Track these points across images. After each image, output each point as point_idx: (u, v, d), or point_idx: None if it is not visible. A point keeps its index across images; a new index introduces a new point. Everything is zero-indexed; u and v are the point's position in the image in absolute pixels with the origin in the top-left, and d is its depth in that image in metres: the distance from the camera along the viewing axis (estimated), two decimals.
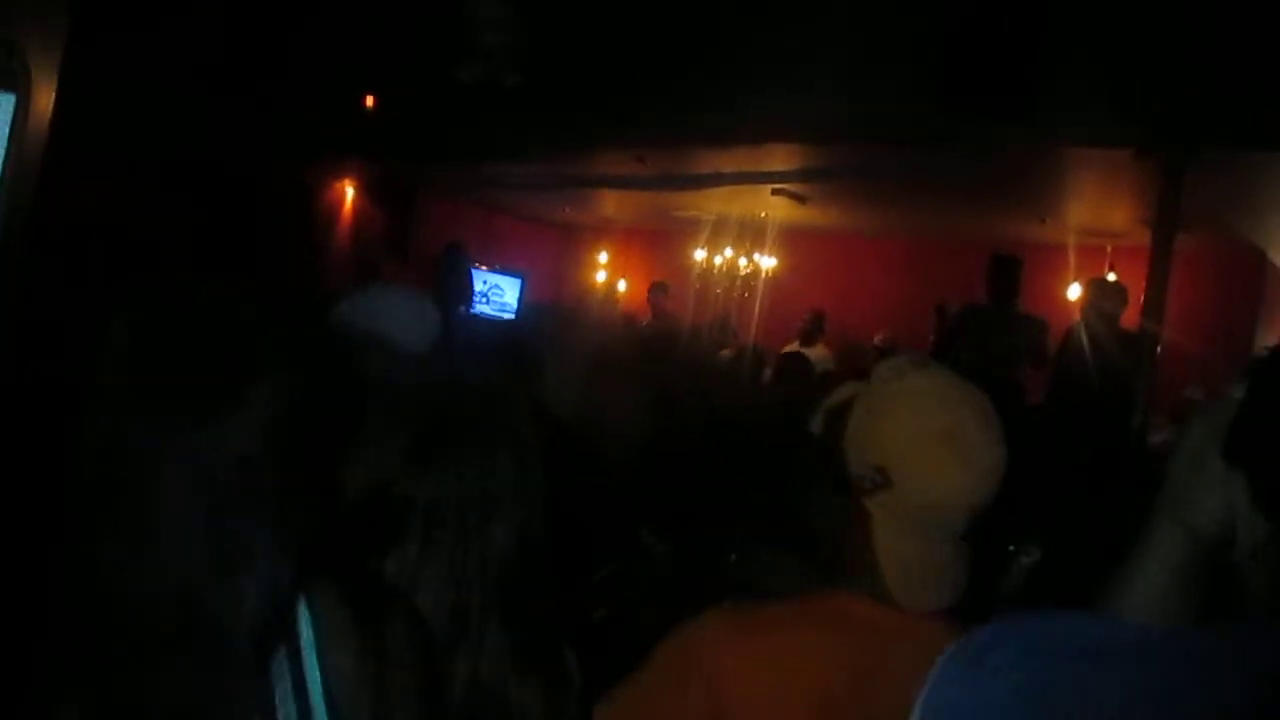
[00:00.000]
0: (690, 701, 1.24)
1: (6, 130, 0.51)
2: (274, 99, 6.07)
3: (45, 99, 0.53)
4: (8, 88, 0.50)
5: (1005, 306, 5.75)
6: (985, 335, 5.43)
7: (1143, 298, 5.60)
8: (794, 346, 8.09)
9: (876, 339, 7.92)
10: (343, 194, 10.77)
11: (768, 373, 5.98)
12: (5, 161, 0.50)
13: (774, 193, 8.43)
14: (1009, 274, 5.82)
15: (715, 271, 10.01)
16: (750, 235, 9.81)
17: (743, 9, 5.09)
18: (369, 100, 7.33)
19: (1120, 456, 4.36)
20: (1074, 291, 8.07)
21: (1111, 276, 8.07)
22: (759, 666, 1.23)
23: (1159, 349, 5.55)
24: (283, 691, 0.94)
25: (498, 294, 11.13)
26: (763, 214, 9.39)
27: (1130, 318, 5.61)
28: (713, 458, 2.55)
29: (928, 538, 1.28)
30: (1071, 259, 8.25)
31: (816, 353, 7.39)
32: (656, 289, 9.27)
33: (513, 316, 10.73)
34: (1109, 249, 8.39)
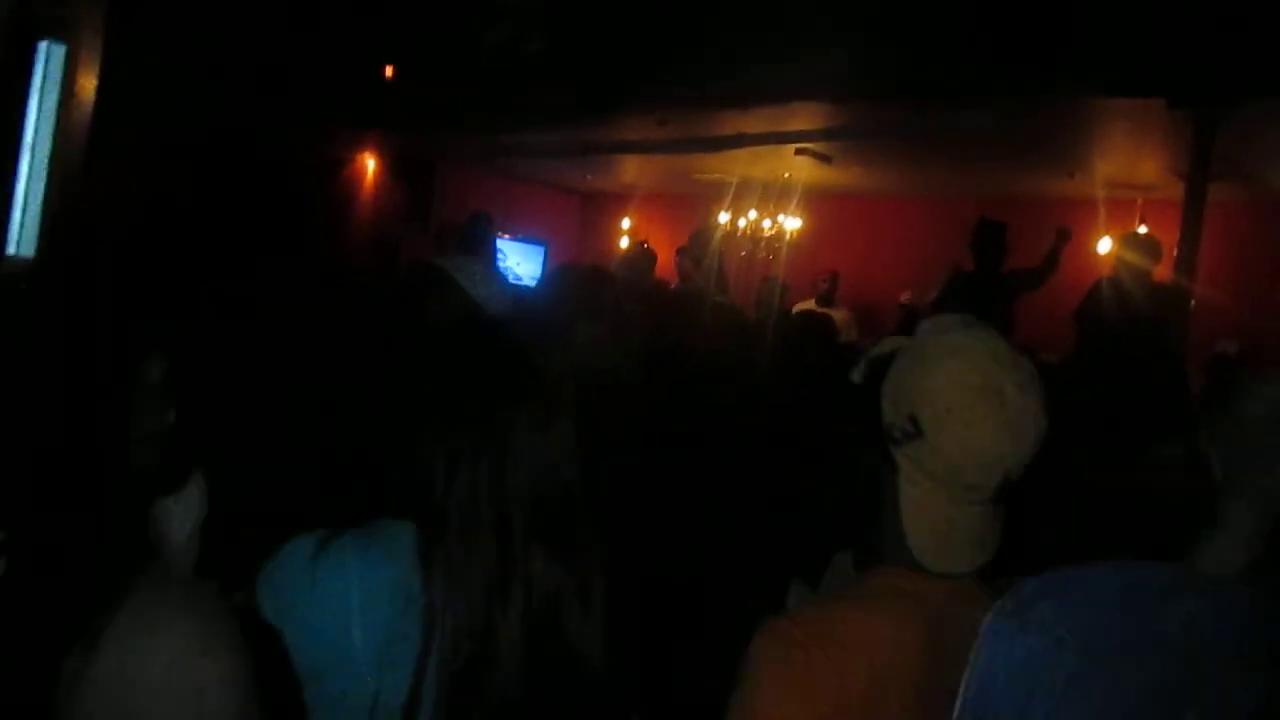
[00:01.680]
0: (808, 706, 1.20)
1: (59, 79, 0.50)
2: (295, 70, 6.06)
3: (93, 50, 0.53)
4: (60, 38, 0.50)
5: (989, 271, 5.70)
6: (968, 301, 5.37)
7: (1175, 251, 5.53)
8: (809, 305, 8.06)
9: (903, 297, 7.86)
10: (364, 166, 10.77)
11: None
12: (59, 110, 0.50)
13: (797, 153, 8.35)
14: (989, 237, 5.79)
15: (739, 234, 9.94)
16: (774, 197, 9.73)
17: None
18: (388, 71, 7.30)
19: (1155, 410, 4.31)
20: (1104, 246, 7.98)
21: (1143, 230, 7.98)
22: (841, 677, 1.20)
23: (1191, 303, 5.49)
24: None
25: (520, 263, 11.13)
26: (786, 175, 9.31)
27: (1162, 271, 5.54)
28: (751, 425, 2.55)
29: (953, 497, 1.26)
30: (1101, 213, 8.14)
31: (835, 313, 7.35)
32: (684, 253, 9.23)
33: (535, 284, 10.73)
34: (1139, 202, 8.28)
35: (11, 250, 0.46)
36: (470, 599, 1.24)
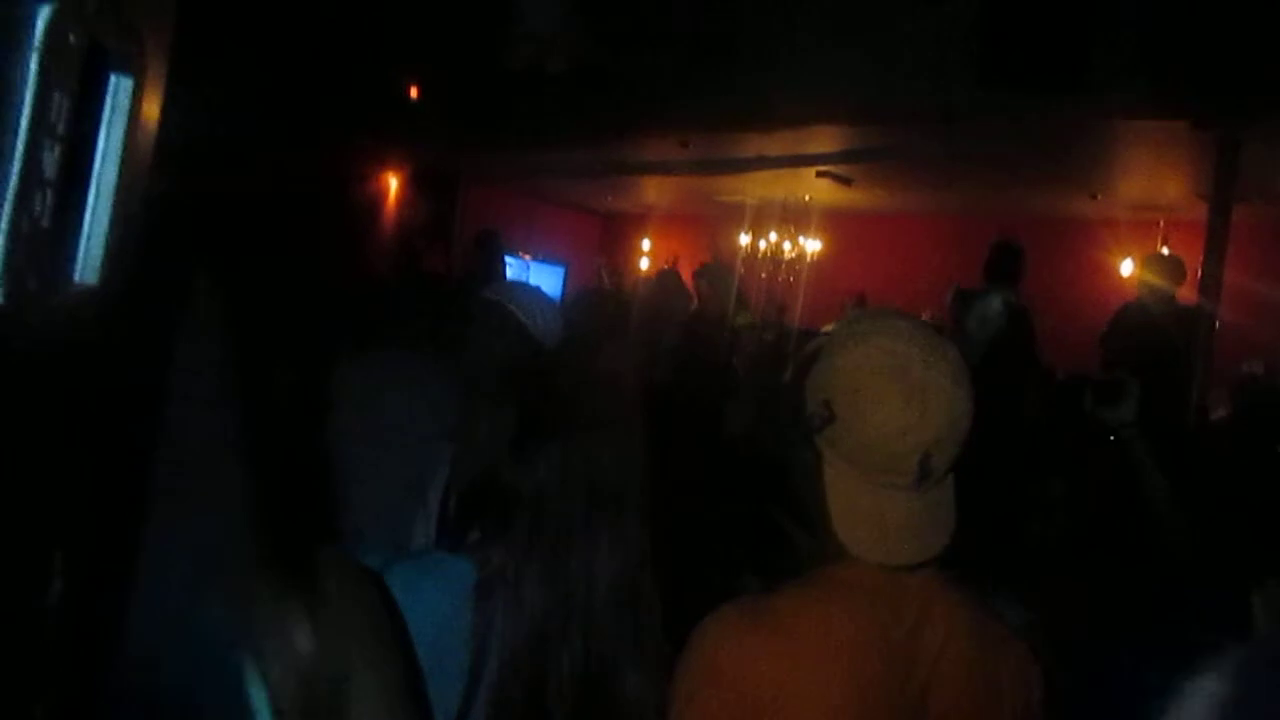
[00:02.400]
0: (725, 710, 1.22)
1: (126, 111, 0.52)
2: (320, 90, 6.13)
3: (158, 82, 0.54)
4: (128, 71, 0.51)
5: (994, 290, 5.66)
6: (964, 316, 5.33)
7: (1199, 272, 5.50)
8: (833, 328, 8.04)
9: (924, 316, 7.85)
10: (387, 183, 10.85)
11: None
12: (125, 141, 0.52)
13: (818, 175, 8.38)
14: (1002, 259, 5.78)
15: (760, 255, 9.96)
16: (795, 218, 9.75)
17: None
18: (413, 90, 7.37)
19: (1180, 434, 4.29)
20: (1127, 268, 7.94)
21: (1165, 251, 7.95)
22: (782, 662, 1.22)
23: (1216, 324, 5.45)
24: None
25: (540, 283, 11.16)
26: (807, 197, 9.33)
27: (1187, 292, 5.52)
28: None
29: (870, 480, 1.25)
30: (1123, 235, 8.12)
31: None
32: (702, 274, 9.26)
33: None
34: (1162, 223, 8.24)
35: (77, 278, 0.47)
36: (523, 640, 1.23)
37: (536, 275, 11.05)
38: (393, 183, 10.81)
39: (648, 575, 1.29)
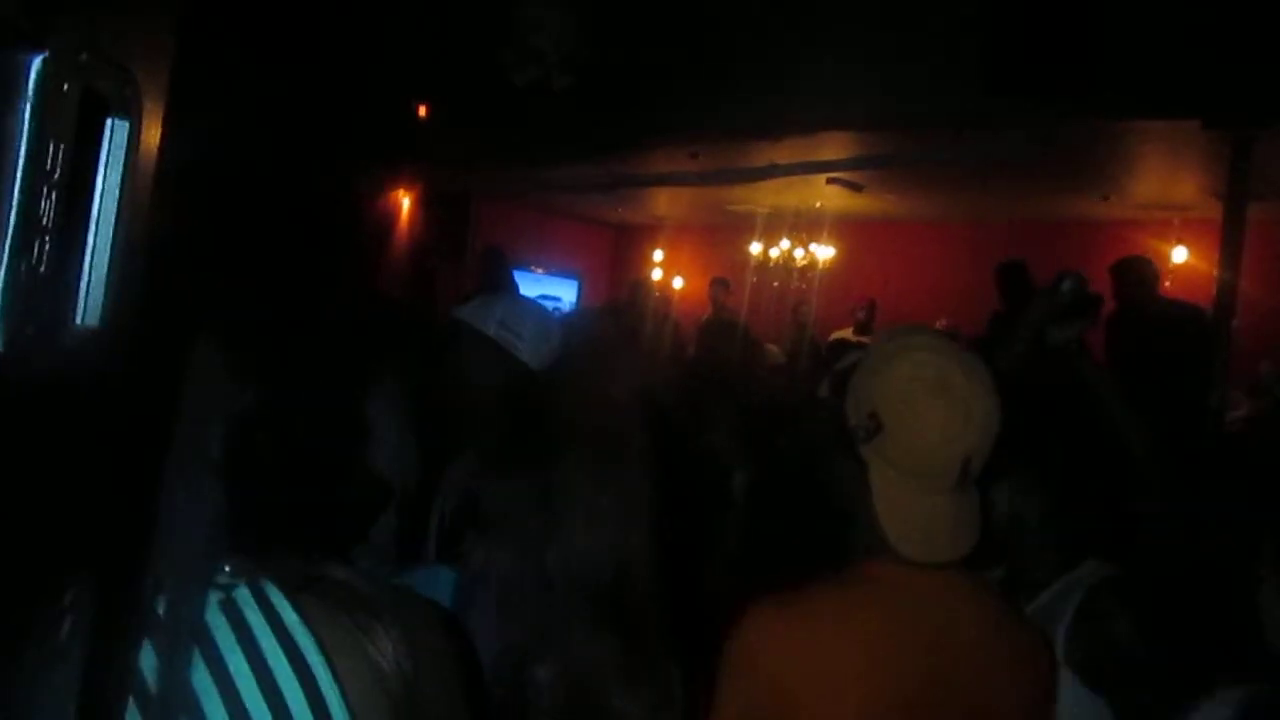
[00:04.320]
0: (756, 702, 1.28)
1: (123, 156, 0.53)
2: (331, 109, 6.18)
3: (155, 124, 0.55)
4: (123, 114, 0.52)
5: (1017, 307, 5.65)
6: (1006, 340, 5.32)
7: (1216, 271, 5.46)
8: (846, 334, 8.03)
9: (939, 324, 7.82)
10: (399, 201, 10.91)
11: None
12: (123, 184, 0.52)
13: (829, 182, 8.37)
14: (1010, 279, 5.81)
15: (772, 264, 9.96)
16: (806, 226, 9.74)
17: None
18: (422, 109, 7.41)
19: (1191, 435, 4.26)
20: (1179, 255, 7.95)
21: (1181, 251, 7.91)
22: (825, 662, 1.27)
23: (1234, 323, 5.41)
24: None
25: (554, 297, 11.19)
26: (818, 204, 9.32)
27: (1204, 292, 5.49)
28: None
29: (921, 487, 1.34)
30: (1138, 236, 8.07)
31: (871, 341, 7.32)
32: (717, 284, 9.28)
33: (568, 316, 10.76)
34: (1177, 223, 8.20)
35: (79, 320, 0.47)
36: (505, 655, 1.24)
37: (550, 288, 11.08)
38: (405, 202, 10.86)
39: (637, 586, 1.30)
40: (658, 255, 12.21)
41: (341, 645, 0.96)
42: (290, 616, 0.95)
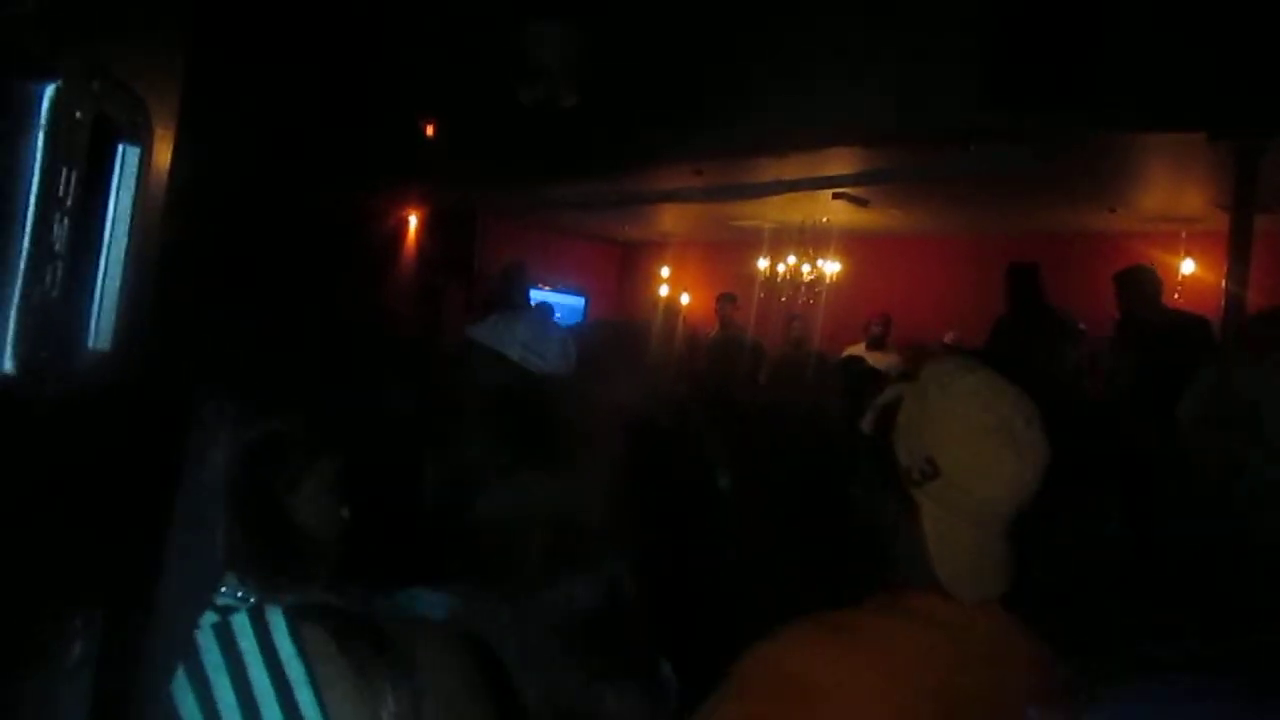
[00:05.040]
0: (781, 700, 1.26)
1: (134, 181, 0.53)
2: (337, 129, 6.21)
3: (166, 148, 0.56)
4: (135, 141, 0.53)
5: (1023, 313, 5.63)
6: (1012, 346, 5.31)
7: (1223, 283, 5.45)
8: (859, 349, 8.01)
9: (946, 338, 7.82)
10: (406, 220, 10.95)
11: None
12: (134, 209, 0.53)
13: (835, 197, 8.38)
14: (1020, 281, 5.77)
15: (778, 279, 9.96)
16: (812, 241, 9.75)
17: (794, 14, 5.08)
18: (429, 128, 7.45)
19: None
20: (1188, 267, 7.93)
21: (1189, 263, 7.90)
22: (856, 672, 1.25)
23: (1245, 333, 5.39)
24: None
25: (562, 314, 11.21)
26: (824, 219, 9.34)
27: (1212, 304, 5.47)
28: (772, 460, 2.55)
29: (975, 529, 1.32)
30: (1145, 248, 8.07)
31: (886, 357, 7.30)
32: (724, 300, 9.28)
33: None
34: (1184, 235, 8.19)
35: (91, 344, 0.48)
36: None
37: (557, 307, 11.08)
38: (411, 220, 10.91)
39: (632, 606, 1.29)
40: (664, 272, 12.23)
41: (334, 680, 0.95)
42: (287, 648, 0.94)
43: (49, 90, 0.48)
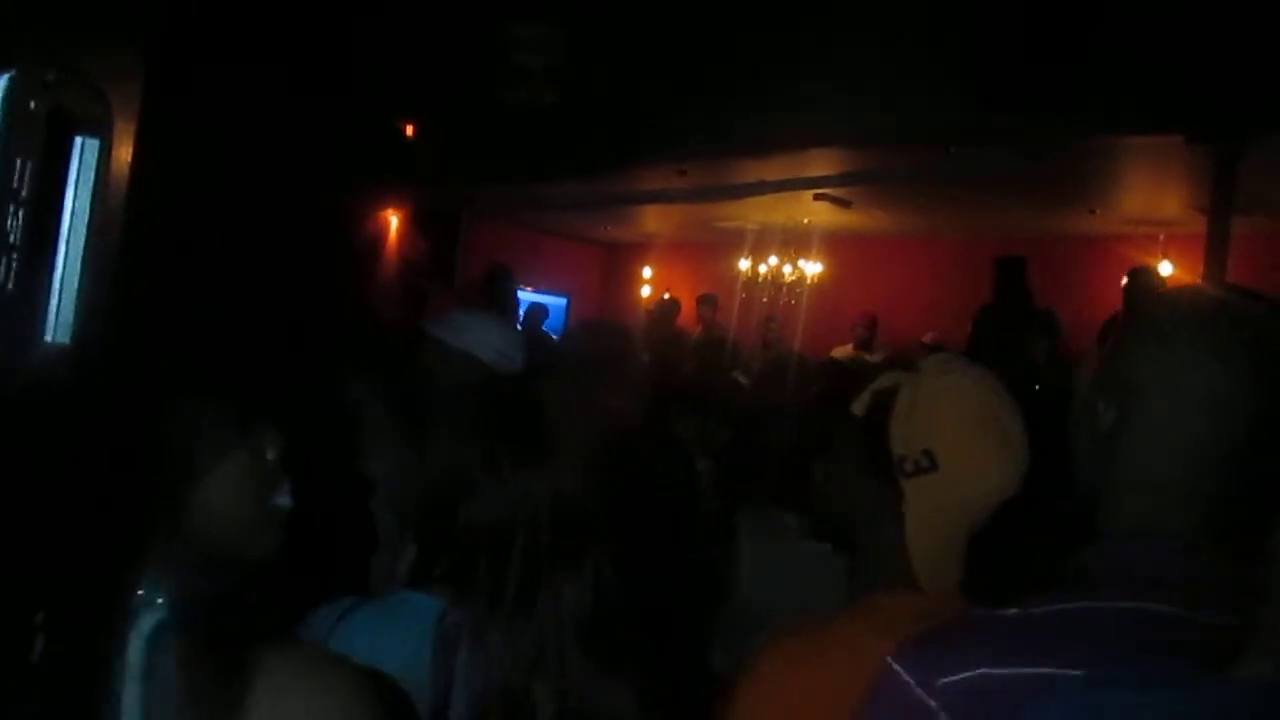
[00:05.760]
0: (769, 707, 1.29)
1: (93, 174, 0.53)
2: (319, 129, 6.19)
3: (127, 142, 0.55)
4: (94, 133, 0.52)
5: (1010, 305, 5.67)
6: (996, 338, 5.34)
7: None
8: (847, 350, 8.04)
9: (925, 337, 7.85)
10: (387, 221, 10.90)
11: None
12: (93, 202, 0.52)
13: (816, 198, 8.40)
14: (1008, 273, 5.81)
15: (760, 280, 9.98)
16: (794, 242, 9.77)
17: (778, 15, 5.09)
18: (409, 129, 7.42)
19: None
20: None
21: (1166, 266, 7.95)
22: (825, 681, 1.26)
23: None
24: None
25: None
26: (806, 220, 9.36)
27: None
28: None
29: (958, 522, 1.34)
30: (1125, 251, 8.12)
31: (873, 359, 7.32)
32: (704, 301, 9.29)
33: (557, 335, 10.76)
34: (1162, 238, 8.25)
35: (49, 338, 0.47)
36: (493, 692, 1.20)
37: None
38: (393, 221, 10.86)
39: (628, 613, 1.27)
40: (647, 272, 12.23)
41: (159, 706, 0.86)
42: (136, 660, 0.86)
43: (2, 81, 0.48)
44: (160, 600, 0.86)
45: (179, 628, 0.84)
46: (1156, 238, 8.26)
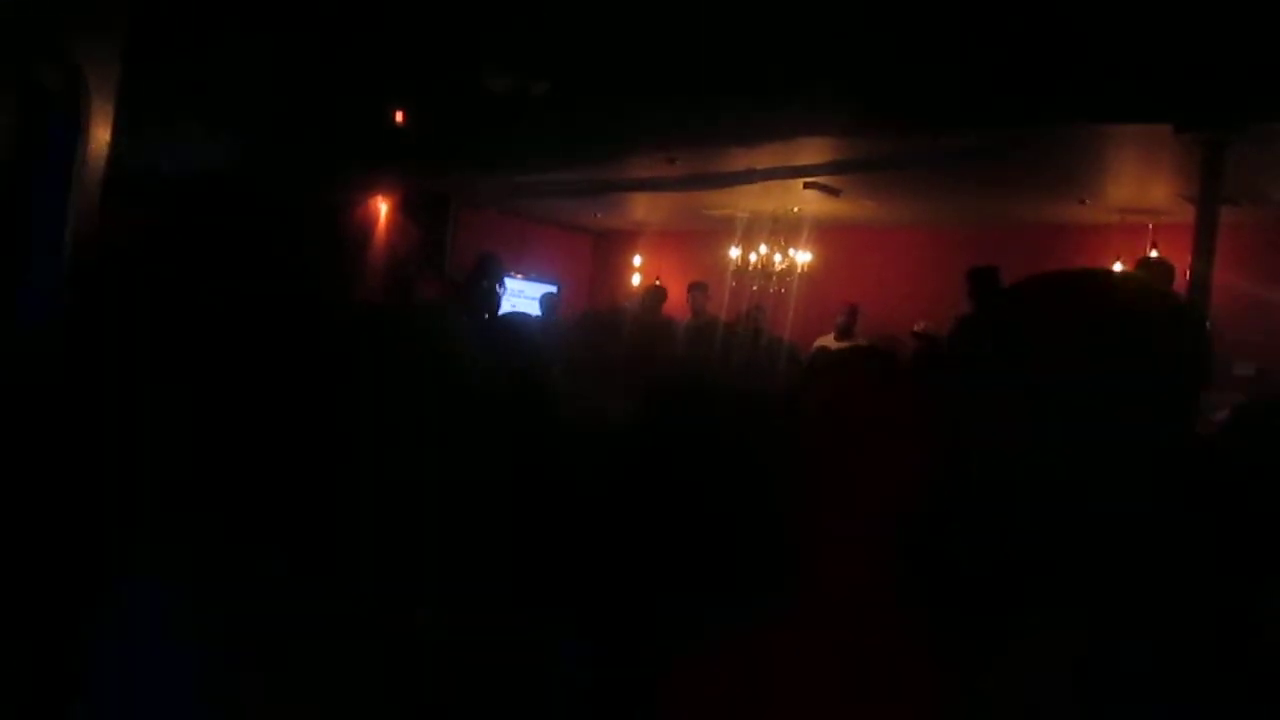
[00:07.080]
0: None
1: (68, 155, 0.52)
2: (308, 117, 6.16)
3: (105, 123, 0.55)
4: (68, 112, 0.52)
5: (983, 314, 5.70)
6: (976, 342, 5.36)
7: (1188, 274, 5.51)
8: (828, 340, 8.06)
9: (917, 326, 7.86)
10: (377, 209, 10.86)
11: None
12: (70, 181, 0.52)
13: (806, 186, 8.39)
14: (982, 283, 5.85)
15: (750, 268, 9.97)
16: (784, 231, 9.76)
17: (767, 2, 5.08)
18: (399, 116, 7.39)
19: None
20: (1119, 270, 7.95)
21: (1154, 254, 7.97)
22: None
23: (1208, 326, 5.45)
24: None
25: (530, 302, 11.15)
26: (796, 209, 9.35)
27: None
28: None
29: None
30: (1113, 239, 8.15)
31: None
32: (695, 289, 9.27)
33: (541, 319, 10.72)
34: (1151, 226, 8.26)
35: (21, 320, 0.47)
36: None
37: (529, 294, 11.04)
38: (383, 209, 10.82)
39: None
40: (637, 260, 12.21)
41: None
42: None
43: None
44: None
45: None
46: (1145, 227, 8.28)
